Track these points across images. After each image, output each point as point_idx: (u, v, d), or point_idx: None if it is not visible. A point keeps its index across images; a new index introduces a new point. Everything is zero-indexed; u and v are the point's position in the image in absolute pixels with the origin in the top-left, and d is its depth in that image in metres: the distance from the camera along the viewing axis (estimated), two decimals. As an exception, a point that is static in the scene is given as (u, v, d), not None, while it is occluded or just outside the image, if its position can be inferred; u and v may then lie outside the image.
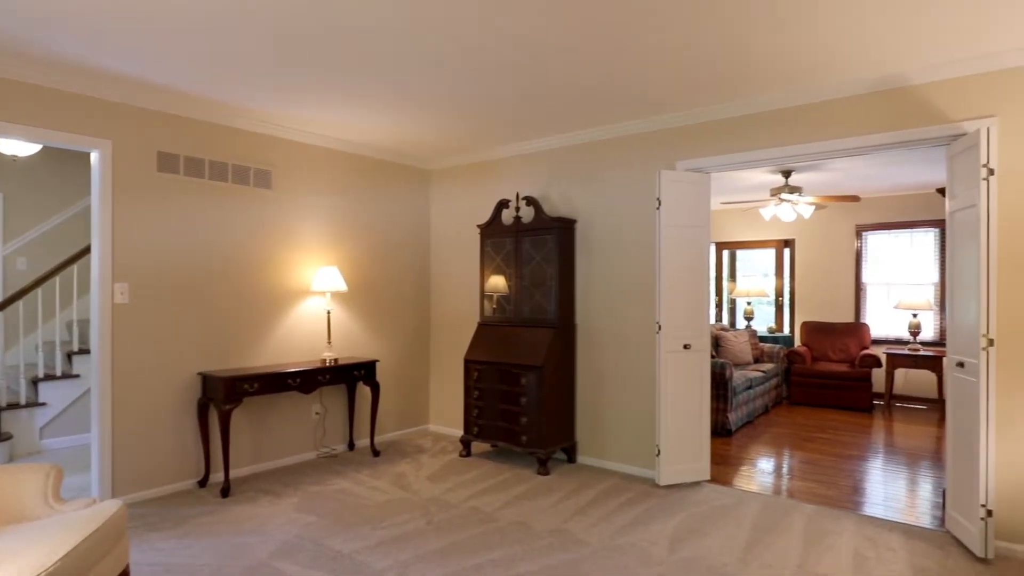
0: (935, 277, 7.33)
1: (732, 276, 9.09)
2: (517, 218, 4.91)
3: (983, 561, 3.07)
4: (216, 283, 4.31)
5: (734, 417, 5.81)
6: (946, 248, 3.49)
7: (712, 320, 9.03)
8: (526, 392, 4.55)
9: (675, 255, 4.19)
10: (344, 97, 3.93)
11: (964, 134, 3.29)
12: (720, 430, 5.69)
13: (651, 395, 4.45)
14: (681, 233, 4.21)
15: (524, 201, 4.90)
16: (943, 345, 7.14)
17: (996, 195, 3.18)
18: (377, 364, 5.13)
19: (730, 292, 9.01)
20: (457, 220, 5.71)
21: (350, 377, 4.76)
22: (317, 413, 4.93)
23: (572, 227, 4.86)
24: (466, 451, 4.97)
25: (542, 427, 4.49)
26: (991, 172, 3.05)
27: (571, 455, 4.81)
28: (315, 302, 4.93)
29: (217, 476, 4.29)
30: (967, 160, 3.21)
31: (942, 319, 7.27)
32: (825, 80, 3.59)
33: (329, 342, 4.84)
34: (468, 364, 4.91)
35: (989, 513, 3.06)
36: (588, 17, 2.78)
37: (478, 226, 5.16)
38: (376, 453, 4.97)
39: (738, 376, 6.14)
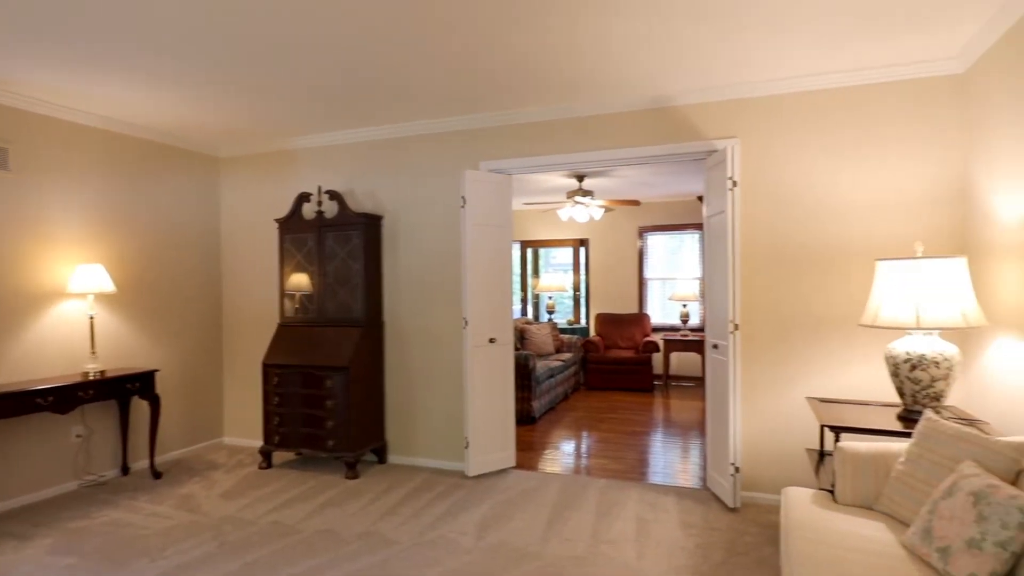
0: (699, 272, 8.55)
1: (536, 272, 9.67)
2: (319, 213, 4.68)
3: (734, 511, 3.66)
4: (-73, 285, 3.45)
5: (537, 405, 6.18)
6: (704, 248, 4.08)
7: (518, 314, 9.51)
8: (332, 395, 4.36)
9: (480, 253, 4.32)
10: (95, 70, 3.38)
11: (715, 151, 3.88)
12: (525, 418, 6.02)
13: (460, 389, 4.55)
14: (486, 231, 4.35)
15: (327, 195, 4.69)
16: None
17: (739, 204, 3.79)
18: (156, 374, 4.52)
19: (534, 288, 9.56)
20: (252, 213, 5.27)
21: (122, 391, 4.14)
22: (78, 436, 4.21)
23: (379, 223, 4.76)
24: (266, 462, 4.62)
25: (350, 429, 4.34)
26: (735, 184, 3.62)
27: (382, 455, 4.72)
28: (74, 306, 4.19)
29: (-67, 525, 3.45)
30: (718, 173, 3.79)
31: (704, 308, 8.49)
32: (611, 95, 3.97)
33: (93, 352, 4.15)
34: (267, 368, 4.57)
35: (737, 469, 3.65)
36: (365, 9, 2.74)
37: (276, 220, 4.82)
38: (157, 475, 4.39)
39: (541, 366, 6.54)
